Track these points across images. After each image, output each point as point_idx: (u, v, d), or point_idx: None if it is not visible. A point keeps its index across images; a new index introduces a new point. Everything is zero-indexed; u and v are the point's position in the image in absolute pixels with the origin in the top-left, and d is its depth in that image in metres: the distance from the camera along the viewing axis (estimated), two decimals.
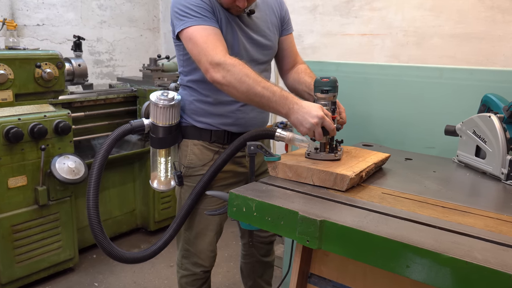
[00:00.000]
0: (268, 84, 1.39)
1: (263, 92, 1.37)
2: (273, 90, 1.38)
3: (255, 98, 1.40)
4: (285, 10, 1.80)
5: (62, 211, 2.56)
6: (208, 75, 1.44)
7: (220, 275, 2.77)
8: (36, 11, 3.54)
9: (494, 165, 1.37)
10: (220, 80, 1.42)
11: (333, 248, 1.00)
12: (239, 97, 1.44)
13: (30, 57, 2.41)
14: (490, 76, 1.74)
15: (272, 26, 1.72)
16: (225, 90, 1.44)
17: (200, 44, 1.45)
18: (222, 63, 1.40)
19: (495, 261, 0.81)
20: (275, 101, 1.37)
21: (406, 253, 0.88)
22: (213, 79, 1.43)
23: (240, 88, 1.40)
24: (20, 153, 2.34)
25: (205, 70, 1.45)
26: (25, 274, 2.46)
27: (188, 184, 1.70)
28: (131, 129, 1.61)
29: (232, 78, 1.40)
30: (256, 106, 1.44)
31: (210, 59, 1.42)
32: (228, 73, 1.40)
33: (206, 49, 1.44)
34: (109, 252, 1.55)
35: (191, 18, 1.48)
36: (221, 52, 1.43)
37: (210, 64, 1.42)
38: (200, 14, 1.49)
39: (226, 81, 1.41)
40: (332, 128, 1.32)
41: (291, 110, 1.35)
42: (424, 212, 1.07)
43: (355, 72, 2.09)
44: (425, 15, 2.65)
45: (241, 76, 1.39)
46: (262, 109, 1.45)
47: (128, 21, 4.20)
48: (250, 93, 1.39)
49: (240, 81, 1.39)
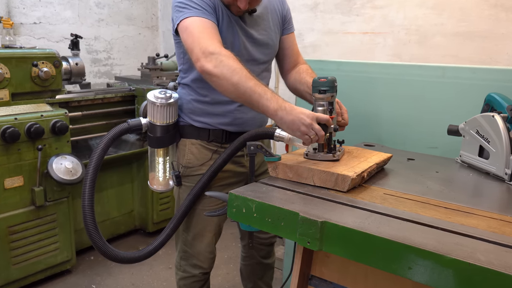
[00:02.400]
0: (259, 82, 1.36)
1: (254, 88, 1.33)
2: (264, 88, 1.35)
3: (245, 93, 1.34)
4: (287, 9, 1.80)
5: (59, 212, 2.56)
6: (198, 63, 1.39)
7: (220, 277, 2.77)
8: (33, 9, 3.54)
9: (498, 166, 1.37)
10: (211, 70, 1.36)
11: (334, 249, 1.00)
12: (228, 90, 1.38)
13: (26, 55, 2.41)
14: (494, 75, 1.74)
15: (273, 25, 1.71)
16: (214, 81, 1.39)
17: (195, 34, 1.42)
18: (216, 53, 1.37)
19: (498, 262, 0.81)
20: (267, 98, 1.33)
21: (408, 254, 0.88)
22: (203, 68, 1.38)
23: (230, 80, 1.34)
24: (16, 153, 2.34)
25: (196, 59, 1.39)
26: (21, 276, 2.45)
27: (187, 184, 1.70)
28: (128, 128, 1.61)
29: (224, 69, 1.35)
30: (245, 103, 1.39)
31: (203, 48, 1.38)
32: (221, 63, 1.35)
33: (201, 38, 1.41)
34: (104, 252, 1.55)
35: (191, 9, 1.47)
36: (216, 43, 1.40)
37: (202, 53, 1.38)
38: (200, 6, 1.48)
39: (217, 71, 1.35)
40: (322, 134, 1.30)
41: (281, 112, 1.31)
42: (426, 213, 1.07)
43: (356, 71, 2.09)
44: (427, 13, 2.65)
45: (233, 68, 1.35)
46: (251, 107, 1.39)
47: (126, 19, 4.20)
48: (240, 87, 1.34)
49: (231, 73, 1.34)
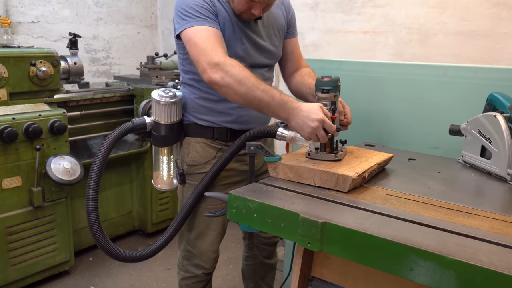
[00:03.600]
0: (267, 88, 1.39)
1: (262, 96, 1.37)
2: (273, 94, 1.37)
3: (254, 102, 1.39)
4: (292, 14, 1.81)
5: (57, 212, 2.56)
6: (205, 75, 1.43)
7: (219, 278, 2.77)
8: (31, 8, 3.54)
9: (500, 166, 1.37)
10: (218, 81, 1.40)
11: (335, 250, 1.00)
12: (237, 100, 1.43)
13: (24, 55, 2.40)
14: (496, 74, 1.74)
15: (277, 31, 1.72)
16: (223, 91, 1.43)
17: (199, 44, 1.46)
18: (221, 63, 1.40)
19: (500, 264, 0.81)
20: (275, 105, 1.37)
21: (409, 255, 0.88)
22: (211, 79, 1.42)
23: (238, 90, 1.39)
24: (14, 154, 2.34)
25: (203, 70, 1.43)
26: (19, 277, 2.45)
27: (190, 183, 1.71)
28: (133, 127, 1.62)
29: (231, 79, 1.38)
30: (255, 109, 1.44)
31: (208, 59, 1.41)
32: (227, 74, 1.39)
33: (205, 49, 1.43)
34: (108, 251, 1.55)
35: (193, 18, 1.49)
36: (220, 53, 1.43)
37: (208, 64, 1.41)
38: (203, 15, 1.49)
39: (224, 82, 1.39)
40: (333, 129, 1.32)
41: (290, 115, 1.35)
42: (428, 214, 1.07)
43: (357, 71, 2.09)
44: (429, 12, 2.65)
45: (240, 78, 1.38)
46: (261, 112, 1.44)
47: (125, 18, 4.20)
48: (249, 96, 1.39)
49: (239, 83, 1.38)
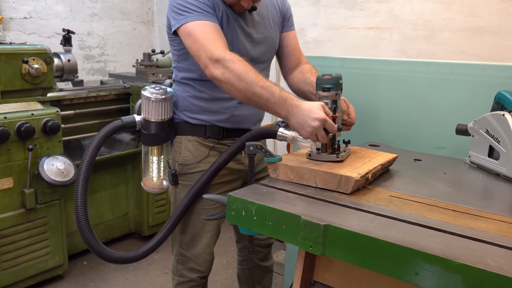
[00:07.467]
0: (267, 84, 1.40)
1: (261, 92, 1.39)
2: (272, 90, 1.38)
3: (253, 98, 1.41)
4: (287, 7, 1.82)
5: (50, 215, 2.56)
6: (207, 71, 1.46)
7: (218, 283, 2.77)
8: (23, 3, 3.54)
9: (508, 166, 1.37)
10: (219, 76, 1.43)
11: (337, 254, 1.00)
12: (237, 95, 1.46)
13: (16, 52, 2.40)
14: (504, 72, 1.73)
15: (273, 23, 1.74)
16: (224, 87, 1.46)
17: (199, 39, 1.47)
18: (222, 59, 1.42)
19: (509, 268, 0.81)
20: (274, 102, 1.38)
21: (415, 259, 0.88)
22: (212, 75, 1.45)
23: (238, 86, 1.41)
24: (6, 154, 2.33)
25: (205, 66, 1.46)
26: (11, 282, 2.45)
27: (183, 183, 1.71)
28: (122, 125, 1.63)
29: (231, 75, 1.41)
30: (255, 106, 1.46)
31: (209, 54, 1.44)
32: (227, 70, 1.41)
33: (206, 45, 1.46)
34: (98, 252, 1.56)
35: (191, 13, 1.50)
36: (221, 47, 1.45)
37: (209, 60, 1.44)
38: (201, 9, 1.51)
39: (224, 78, 1.42)
40: (334, 129, 1.32)
41: (290, 113, 1.35)
42: (434, 216, 1.07)
43: (360, 68, 2.09)
44: (435, 8, 2.65)
45: (239, 73, 1.40)
46: (261, 109, 1.47)
47: (121, 14, 4.20)
48: (248, 92, 1.41)
49: (238, 78, 1.40)
